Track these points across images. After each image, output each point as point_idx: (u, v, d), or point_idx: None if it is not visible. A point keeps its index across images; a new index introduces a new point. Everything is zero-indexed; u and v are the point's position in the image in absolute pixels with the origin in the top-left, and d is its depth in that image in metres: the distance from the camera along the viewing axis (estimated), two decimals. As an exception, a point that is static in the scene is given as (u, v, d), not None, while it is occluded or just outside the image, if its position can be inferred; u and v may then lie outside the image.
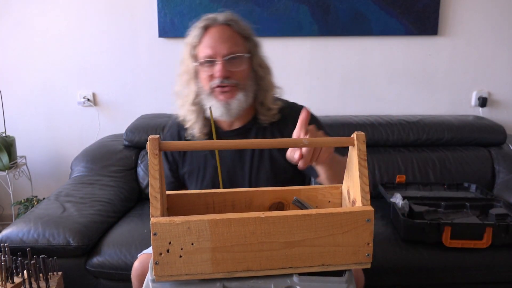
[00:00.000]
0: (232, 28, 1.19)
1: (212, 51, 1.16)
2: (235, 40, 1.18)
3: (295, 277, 0.75)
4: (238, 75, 1.18)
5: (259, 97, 1.24)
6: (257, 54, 1.24)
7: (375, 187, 2.05)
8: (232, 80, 1.17)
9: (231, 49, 1.16)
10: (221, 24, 1.19)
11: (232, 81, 1.17)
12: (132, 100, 2.49)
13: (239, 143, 0.86)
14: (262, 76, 1.23)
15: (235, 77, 1.17)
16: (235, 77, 1.17)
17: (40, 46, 2.43)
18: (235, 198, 0.90)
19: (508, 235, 1.56)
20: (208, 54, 1.16)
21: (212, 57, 1.16)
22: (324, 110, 2.46)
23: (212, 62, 1.16)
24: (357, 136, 0.79)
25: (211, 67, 1.17)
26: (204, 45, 1.18)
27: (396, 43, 2.38)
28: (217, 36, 1.17)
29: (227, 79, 1.16)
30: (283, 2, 2.30)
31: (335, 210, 0.74)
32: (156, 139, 0.75)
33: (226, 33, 1.18)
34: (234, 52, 1.16)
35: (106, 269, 1.63)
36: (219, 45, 1.16)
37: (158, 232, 0.71)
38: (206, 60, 1.17)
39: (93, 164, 2.12)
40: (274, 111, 1.23)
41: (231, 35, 1.18)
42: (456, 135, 2.16)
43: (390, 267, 1.58)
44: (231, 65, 1.16)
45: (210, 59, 1.16)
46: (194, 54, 1.20)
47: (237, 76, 1.17)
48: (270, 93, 1.24)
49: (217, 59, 1.16)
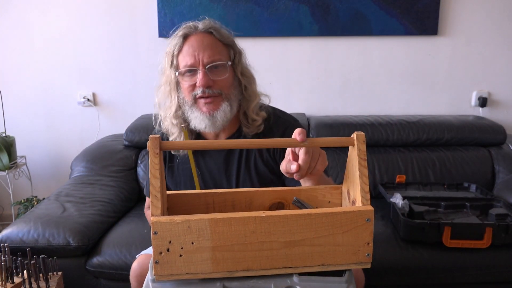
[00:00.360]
0: (213, 35, 1.15)
1: (192, 59, 1.12)
2: (216, 48, 1.14)
3: (295, 277, 0.75)
4: (221, 83, 1.14)
5: (243, 108, 1.20)
6: (240, 62, 1.20)
7: (375, 187, 2.05)
8: (214, 90, 1.13)
9: (212, 57, 1.12)
10: (201, 32, 1.15)
11: (215, 90, 1.13)
12: (132, 100, 2.49)
13: (238, 143, 0.86)
14: (245, 85, 1.19)
15: (217, 86, 1.13)
16: (218, 86, 1.13)
17: (40, 46, 2.43)
18: (235, 198, 0.90)
19: (508, 235, 1.56)
20: (188, 63, 1.12)
21: (193, 66, 1.12)
22: (324, 110, 2.46)
23: (194, 71, 1.13)
24: (357, 136, 0.79)
25: (193, 76, 1.13)
26: (184, 54, 1.14)
27: (396, 43, 2.38)
28: (197, 44, 1.13)
29: (210, 88, 1.12)
30: (283, 2, 2.30)
31: (335, 210, 0.74)
32: (156, 138, 0.75)
33: (207, 41, 1.14)
34: (216, 60, 1.13)
35: (106, 269, 1.63)
36: (199, 53, 1.12)
37: (158, 231, 0.71)
38: (187, 70, 1.13)
39: (93, 164, 2.12)
40: (258, 122, 1.19)
41: (212, 43, 1.14)
42: (456, 135, 2.16)
43: (390, 267, 1.58)
44: (213, 73, 1.13)
45: (191, 68, 1.13)
46: (175, 64, 1.16)
47: (219, 85, 1.14)
48: (253, 103, 1.19)
49: (198, 68, 1.12)
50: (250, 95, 1.20)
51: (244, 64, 1.22)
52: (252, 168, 1.21)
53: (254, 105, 1.19)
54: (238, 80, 1.19)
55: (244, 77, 1.20)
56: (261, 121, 1.19)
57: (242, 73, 1.19)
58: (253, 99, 1.20)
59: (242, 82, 1.19)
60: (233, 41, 1.19)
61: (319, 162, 0.88)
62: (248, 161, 1.22)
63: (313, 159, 0.87)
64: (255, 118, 1.19)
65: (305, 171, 0.86)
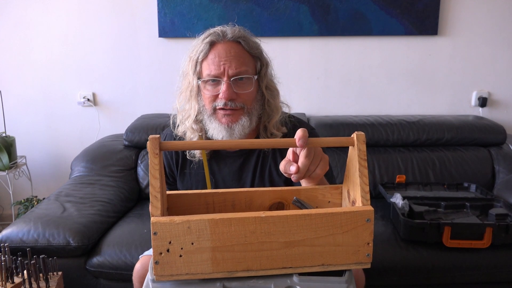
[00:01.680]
0: (241, 45, 1.10)
1: (217, 70, 1.07)
2: (243, 60, 1.09)
3: (295, 277, 0.75)
4: (244, 97, 1.10)
5: (263, 121, 1.16)
6: (266, 75, 1.15)
7: (375, 187, 2.05)
8: (237, 103, 1.09)
9: (238, 69, 1.07)
10: (229, 41, 1.09)
11: (237, 103, 1.09)
12: (132, 100, 2.49)
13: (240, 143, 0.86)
14: (268, 99, 1.15)
15: (240, 99, 1.09)
16: (241, 99, 1.09)
17: (40, 46, 2.43)
18: (235, 198, 0.90)
19: (508, 235, 1.56)
20: (213, 73, 1.08)
21: (217, 76, 1.08)
22: (324, 110, 2.46)
23: (217, 81, 1.09)
24: (357, 136, 0.79)
25: (215, 86, 1.09)
26: (209, 62, 1.08)
27: (396, 43, 2.38)
28: (224, 53, 1.07)
29: (232, 101, 1.08)
30: (283, 2, 2.30)
31: (335, 210, 0.74)
32: (156, 139, 0.75)
33: (235, 51, 1.08)
34: (242, 72, 1.08)
35: (106, 269, 1.63)
36: (225, 64, 1.07)
37: (158, 231, 0.71)
38: (210, 79, 1.09)
39: (93, 164, 2.12)
40: (277, 136, 1.15)
41: (240, 53, 1.09)
42: (456, 135, 2.16)
43: (390, 267, 1.58)
44: (238, 86, 1.08)
45: (214, 78, 1.08)
46: (198, 71, 1.11)
47: (243, 98, 1.09)
48: (274, 118, 1.15)
49: (223, 79, 1.07)
50: (273, 109, 1.16)
51: (269, 77, 1.17)
52: (267, 178, 1.19)
53: (276, 120, 1.16)
54: (261, 93, 1.15)
55: (268, 91, 1.16)
56: (280, 136, 1.16)
57: (266, 87, 1.15)
58: (275, 114, 1.16)
59: (266, 96, 1.15)
60: (261, 52, 1.15)
61: (320, 166, 0.87)
62: (263, 171, 1.19)
63: (313, 163, 0.85)
64: (275, 132, 1.16)
65: (303, 174, 0.85)
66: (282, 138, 1.15)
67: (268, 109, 1.16)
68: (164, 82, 2.43)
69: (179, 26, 2.33)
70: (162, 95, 2.45)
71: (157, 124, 2.17)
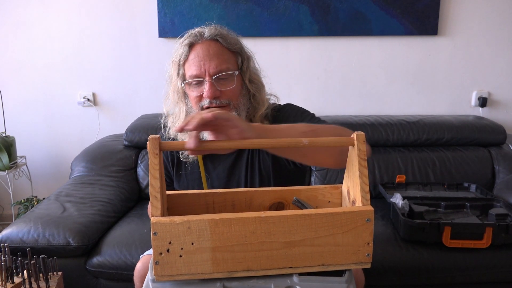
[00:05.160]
0: (220, 43, 1.11)
1: (198, 70, 1.09)
2: (223, 57, 1.10)
3: (295, 277, 0.75)
4: (229, 94, 1.10)
5: (249, 115, 1.17)
6: (249, 68, 1.16)
7: (375, 187, 2.05)
8: (222, 100, 1.10)
9: (219, 67, 1.08)
10: (207, 40, 1.11)
11: (222, 100, 1.10)
12: (132, 100, 2.49)
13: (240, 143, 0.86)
14: (253, 93, 1.16)
15: (225, 96, 1.10)
16: (226, 96, 1.10)
17: (40, 46, 2.43)
18: (235, 198, 0.90)
19: (508, 235, 1.56)
20: (194, 73, 1.09)
21: (199, 76, 1.09)
22: (324, 110, 2.46)
23: (200, 81, 1.10)
24: (357, 136, 0.79)
25: (199, 87, 1.10)
26: (190, 63, 1.10)
27: (396, 43, 2.38)
28: (203, 53, 1.09)
29: (217, 99, 1.09)
30: (283, 2, 2.30)
31: (335, 210, 0.74)
32: (156, 139, 0.75)
33: (213, 49, 1.10)
34: (223, 70, 1.09)
35: (106, 269, 1.63)
36: (206, 63, 1.08)
37: (158, 231, 0.71)
38: (193, 80, 1.10)
39: (93, 164, 2.12)
40: None
41: (219, 51, 1.10)
42: (456, 135, 2.16)
43: (390, 267, 1.58)
44: (220, 84, 1.09)
45: (197, 79, 1.10)
46: (181, 73, 1.13)
47: (227, 95, 1.10)
48: (260, 111, 1.16)
49: (205, 79, 1.09)
50: (258, 102, 1.17)
51: (252, 70, 1.18)
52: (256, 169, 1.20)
53: (261, 113, 1.16)
54: (246, 87, 1.15)
55: (252, 85, 1.16)
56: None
57: (250, 80, 1.16)
58: (261, 107, 1.17)
59: (251, 90, 1.16)
60: (240, 47, 1.15)
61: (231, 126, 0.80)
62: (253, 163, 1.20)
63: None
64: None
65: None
66: None
67: (254, 103, 1.17)
68: (164, 82, 2.41)
69: (179, 26, 2.33)
70: (162, 95, 2.43)
71: (157, 124, 2.14)
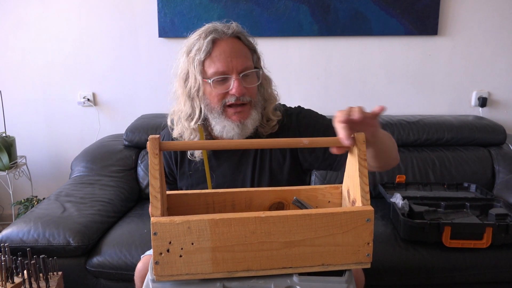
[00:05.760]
0: (241, 41, 1.11)
1: (226, 67, 1.07)
2: (246, 54, 1.11)
3: (295, 277, 0.75)
4: (251, 91, 1.11)
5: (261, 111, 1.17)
6: (262, 66, 1.18)
7: (375, 187, 2.05)
8: (247, 97, 1.10)
9: (245, 65, 1.09)
10: (230, 37, 1.10)
11: (246, 98, 1.10)
12: (132, 100, 2.49)
13: (239, 143, 0.86)
14: (266, 88, 1.18)
15: (248, 94, 1.10)
16: (249, 94, 1.11)
17: (40, 46, 2.43)
18: (235, 198, 0.90)
19: (508, 235, 1.56)
20: (220, 70, 1.07)
21: (226, 73, 1.08)
22: (324, 110, 2.43)
23: (226, 78, 1.09)
24: (357, 136, 0.79)
25: (224, 84, 1.09)
26: (214, 60, 1.08)
27: (396, 43, 2.38)
28: (229, 50, 1.08)
29: (243, 96, 1.09)
30: (283, 2, 2.30)
31: (335, 210, 0.74)
32: (156, 139, 0.75)
33: (237, 46, 1.09)
34: (248, 67, 1.10)
35: (106, 269, 1.63)
36: (233, 60, 1.07)
37: (158, 231, 0.71)
38: (219, 77, 1.08)
39: (93, 164, 2.12)
40: (273, 122, 1.16)
41: (242, 49, 1.10)
42: (456, 135, 2.16)
43: (390, 267, 1.58)
44: (245, 81, 1.09)
45: (223, 76, 1.08)
46: (201, 70, 1.09)
47: (250, 92, 1.11)
48: (271, 105, 1.17)
49: (232, 75, 1.08)
50: (270, 97, 1.19)
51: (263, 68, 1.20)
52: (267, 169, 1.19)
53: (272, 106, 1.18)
54: (260, 84, 1.17)
55: (265, 81, 1.18)
56: (276, 121, 1.17)
57: (264, 77, 1.18)
58: (272, 101, 1.18)
59: (265, 86, 1.17)
60: (255, 46, 1.17)
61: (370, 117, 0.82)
62: (262, 162, 1.19)
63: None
64: (272, 118, 1.17)
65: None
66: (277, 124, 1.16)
67: (266, 97, 1.18)
68: (164, 82, 2.43)
69: (179, 26, 2.33)
70: (162, 95, 2.44)
71: (157, 124, 2.17)
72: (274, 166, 1.19)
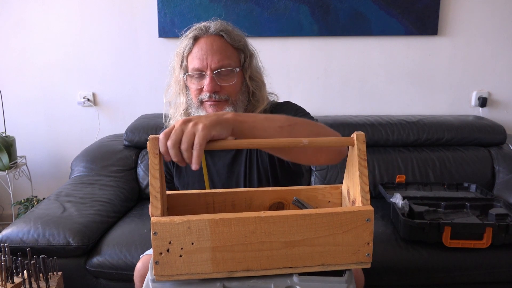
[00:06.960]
0: (224, 39, 1.13)
1: (200, 63, 1.10)
2: (226, 53, 1.12)
3: (295, 277, 0.75)
4: (228, 89, 1.12)
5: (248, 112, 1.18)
6: (251, 66, 1.18)
7: (375, 187, 2.05)
8: (221, 95, 1.11)
9: (221, 62, 1.10)
10: (212, 35, 1.12)
11: (221, 96, 1.11)
12: (132, 100, 2.49)
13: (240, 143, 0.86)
14: (252, 91, 1.18)
15: (225, 91, 1.12)
16: (225, 91, 1.12)
17: (40, 46, 2.43)
18: (235, 198, 0.90)
19: (508, 235, 1.56)
20: (196, 67, 1.11)
21: (201, 70, 1.11)
22: (324, 110, 2.46)
23: (201, 75, 1.12)
24: (357, 136, 0.79)
25: (200, 80, 1.12)
26: (193, 56, 1.12)
27: (396, 43, 2.38)
28: (206, 47, 1.11)
29: (217, 93, 1.11)
30: (283, 2, 2.30)
31: (335, 210, 0.74)
32: (156, 139, 0.75)
33: (217, 44, 1.11)
34: (225, 65, 1.11)
35: (106, 269, 1.63)
36: (208, 57, 1.10)
37: (158, 231, 0.71)
38: (195, 73, 1.12)
39: (93, 164, 2.12)
40: None
41: (222, 46, 1.12)
42: (456, 135, 2.16)
43: (390, 267, 1.58)
44: (221, 79, 1.11)
45: (198, 72, 1.11)
46: (184, 65, 1.14)
47: (227, 90, 1.12)
48: (259, 108, 1.17)
49: (206, 72, 1.10)
50: (258, 100, 1.18)
51: (254, 68, 1.19)
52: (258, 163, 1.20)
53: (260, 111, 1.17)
54: (246, 84, 1.17)
55: (253, 82, 1.18)
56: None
57: (251, 78, 1.17)
58: (260, 105, 1.18)
59: (251, 88, 1.17)
60: (244, 44, 1.17)
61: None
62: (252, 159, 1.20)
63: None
64: None
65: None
66: None
67: (253, 100, 1.19)
68: (164, 82, 2.41)
69: (179, 26, 2.33)
70: (162, 95, 2.44)
71: (157, 124, 2.17)
72: (262, 165, 1.20)
